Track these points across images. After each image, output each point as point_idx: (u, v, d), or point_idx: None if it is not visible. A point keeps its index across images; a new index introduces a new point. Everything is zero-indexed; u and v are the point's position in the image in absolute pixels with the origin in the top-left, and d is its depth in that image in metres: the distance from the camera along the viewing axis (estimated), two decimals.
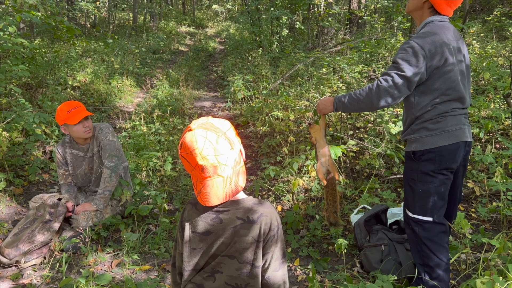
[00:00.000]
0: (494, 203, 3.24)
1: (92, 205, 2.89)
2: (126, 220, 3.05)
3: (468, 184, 3.45)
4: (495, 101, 5.15)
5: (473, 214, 3.16)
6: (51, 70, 7.17)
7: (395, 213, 2.76)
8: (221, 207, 1.31)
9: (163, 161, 3.97)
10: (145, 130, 5.06)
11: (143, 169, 3.81)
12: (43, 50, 7.83)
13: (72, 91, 6.61)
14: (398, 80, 1.94)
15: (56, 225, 2.70)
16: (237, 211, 1.30)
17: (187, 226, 1.35)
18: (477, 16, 12.61)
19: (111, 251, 2.71)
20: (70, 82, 6.96)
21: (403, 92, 1.97)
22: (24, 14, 4.71)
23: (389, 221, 2.67)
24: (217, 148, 1.21)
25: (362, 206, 2.99)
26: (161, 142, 4.79)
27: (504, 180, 3.39)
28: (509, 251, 2.40)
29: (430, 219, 2.09)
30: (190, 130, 1.24)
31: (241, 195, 1.35)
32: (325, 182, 2.33)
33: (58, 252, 2.67)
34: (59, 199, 2.91)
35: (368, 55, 7.07)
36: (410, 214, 2.14)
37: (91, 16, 18.05)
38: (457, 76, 2.02)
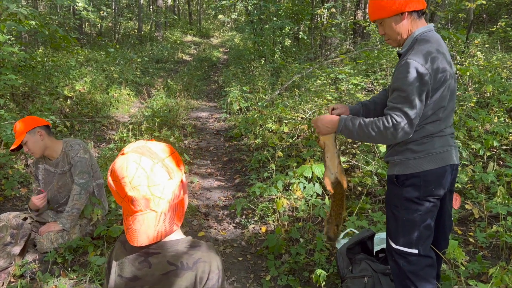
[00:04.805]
0: (494, 227, 3.00)
1: (58, 225, 2.71)
2: (97, 241, 2.87)
3: (466, 206, 3.21)
4: (499, 114, 4.91)
5: (471, 239, 2.92)
6: (47, 79, 7.09)
7: (383, 238, 2.54)
8: (151, 248, 1.11)
9: None
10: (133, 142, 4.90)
11: None
12: (39, 59, 7.76)
13: (63, 101, 6.49)
14: (413, 117, 1.73)
15: (17, 249, 2.52)
16: (169, 254, 1.10)
17: (113, 268, 1.16)
18: (484, 27, 12.37)
19: (75, 277, 2.52)
20: (66, 92, 6.85)
21: (415, 125, 1.77)
22: (9, 23, 4.60)
23: (376, 249, 2.45)
24: (151, 177, 1.04)
25: (349, 229, 2.77)
26: None
27: (506, 201, 3.15)
28: (508, 284, 2.17)
29: (415, 251, 1.87)
30: (123, 154, 1.07)
31: (177, 235, 1.15)
32: (332, 191, 2.13)
33: (14, 279, 2.48)
34: (25, 219, 2.74)
35: (364, 67, 6.88)
36: (393, 245, 1.92)
37: (97, 25, 18.14)
38: (448, 94, 1.82)
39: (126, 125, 5.79)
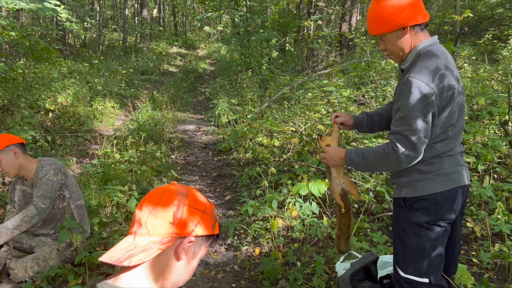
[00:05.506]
0: (497, 245, 2.89)
1: None
2: (78, 268, 2.64)
3: (468, 224, 3.10)
4: (490, 127, 4.87)
5: (474, 259, 2.80)
6: (28, 91, 6.82)
7: (386, 262, 2.39)
8: None
9: (130, 195, 3.58)
10: (118, 158, 4.68)
11: (107, 204, 3.42)
12: (20, 71, 7.49)
13: (45, 115, 6.23)
14: (415, 141, 1.60)
15: None
16: None
17: None
18: (466, 39, 12.56)
19: None
20: (47, 105, 6.59)
21: (422, 149, 1.64)
22: None
23: (380, 274, 2.30)
24: (157, 208, 0.98)
25: (349, 252, 2.62)
26: (133, 172, 4.41)
27: (506, 217, 3.06)
28: None
29: (426, 280, 1.73)
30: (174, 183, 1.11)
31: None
32: (343, 204, 2.00)
33: None
34: (1, 247, 2.51)
35: (355, 79, 6.82)
36: (402, 274, 1.77)
37: (81, 36, 17.83)
38: (457, 111, 1.70)
39: (111, 140, 5.56)
